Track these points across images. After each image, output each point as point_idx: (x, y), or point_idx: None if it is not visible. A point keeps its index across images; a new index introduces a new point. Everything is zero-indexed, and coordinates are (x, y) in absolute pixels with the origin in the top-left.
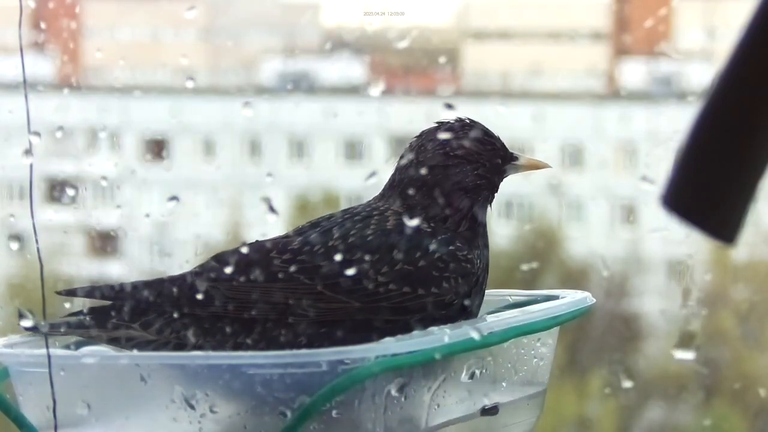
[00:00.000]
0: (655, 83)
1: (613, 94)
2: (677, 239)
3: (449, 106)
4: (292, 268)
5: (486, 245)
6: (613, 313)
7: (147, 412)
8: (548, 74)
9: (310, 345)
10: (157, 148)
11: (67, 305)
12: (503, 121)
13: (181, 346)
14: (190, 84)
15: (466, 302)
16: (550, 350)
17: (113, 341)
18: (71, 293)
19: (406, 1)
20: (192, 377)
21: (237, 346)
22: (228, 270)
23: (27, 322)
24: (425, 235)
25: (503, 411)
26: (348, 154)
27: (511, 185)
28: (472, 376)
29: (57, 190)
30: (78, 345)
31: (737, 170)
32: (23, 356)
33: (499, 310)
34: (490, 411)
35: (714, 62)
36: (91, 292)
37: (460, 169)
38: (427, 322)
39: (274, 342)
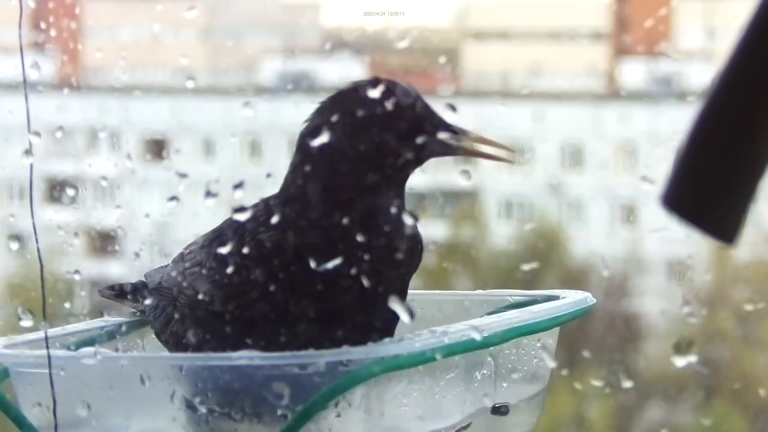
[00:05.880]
0: (655, 83)
1: (613, 94)
2: (677, 239)
3: (450, 106)
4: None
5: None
6: (613, 313)
7: (147, 413)
8: (548, 74)
9: (310, 345)
10: (157, 148)
11: (67, 305)
12: (503, 121)
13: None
14: (190, 84)
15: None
16: (550, 350)
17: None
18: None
19: (406, 1)
20: (192, 378)
21: (237, 346)
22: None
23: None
24: None
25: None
26: None
27: (511, 185)
28: (471, 376)
29: (57, 190)
30: (78, 345)
31: (737, 170)
32: (23, 356)
33: (499, 310)
34: (500, 410)
35: (714, 62)
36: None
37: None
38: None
39: (274, 342)
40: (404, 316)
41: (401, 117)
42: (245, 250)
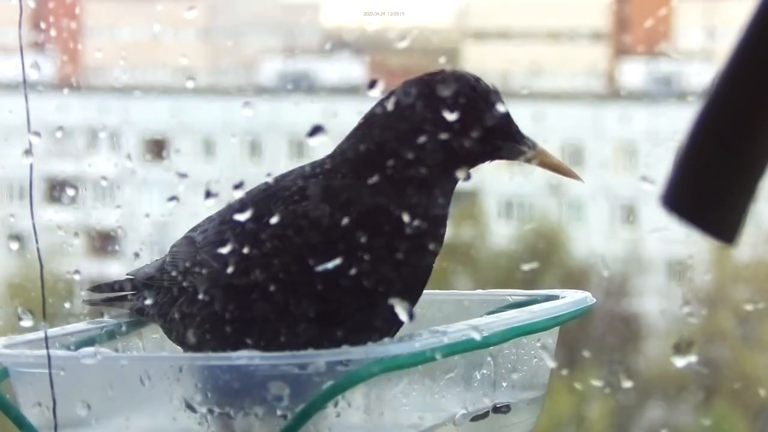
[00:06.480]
0: (655, 83)
1: (613, 94)
2: (677, 239)
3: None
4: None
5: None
6: (613, 313)
7: (147, 413)
8: (548, 74)
9: (310, 345)
10: (157, 148)
11: (67, 305)
12: None
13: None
14: (190, 84)
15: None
16: (550, 350)
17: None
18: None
19: (406, 1)
20: (192, 378)
21: (237, 346)
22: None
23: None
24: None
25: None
26: None
27: (511, 185)
28: (471, 376)
29: (57, 190)
30: (78, 345)
31: (737, 170)
32: (23, 356)
33: (499, 310)
34: (501, 410)
35: (714, 62)
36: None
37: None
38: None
39: (274, 342)
40: (404, 316)
41: (489, 117)
42: (274, 220)
